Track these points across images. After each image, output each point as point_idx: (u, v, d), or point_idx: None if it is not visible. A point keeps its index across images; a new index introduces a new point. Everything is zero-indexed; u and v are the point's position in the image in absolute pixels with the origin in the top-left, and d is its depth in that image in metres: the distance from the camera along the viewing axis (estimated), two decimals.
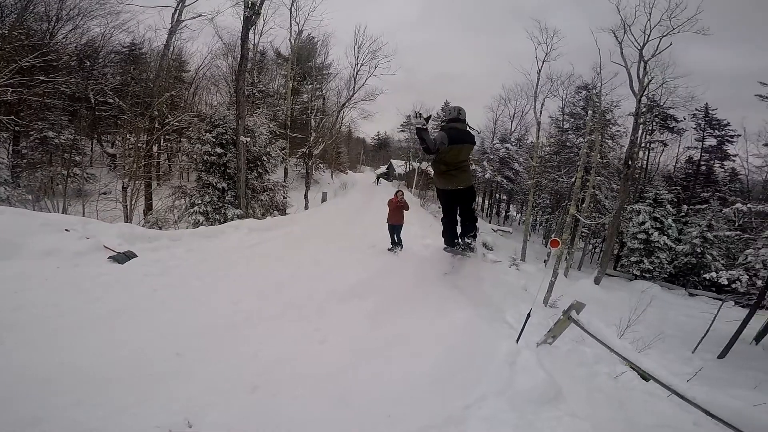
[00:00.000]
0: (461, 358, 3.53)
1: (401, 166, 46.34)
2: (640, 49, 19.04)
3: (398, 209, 8.68)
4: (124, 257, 4.98)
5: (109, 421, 2.35)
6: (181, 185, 15.20)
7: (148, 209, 15.99)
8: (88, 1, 17.90)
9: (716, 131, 25.27)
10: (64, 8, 17.63)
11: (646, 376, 3.26)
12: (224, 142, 13.50)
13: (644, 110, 21.06)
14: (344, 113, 27.08)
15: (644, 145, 25.48)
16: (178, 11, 17.55)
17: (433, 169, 5.21)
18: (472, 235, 5.47)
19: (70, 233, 5.13)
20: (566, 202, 23.79)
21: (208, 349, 3.32)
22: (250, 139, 13.59)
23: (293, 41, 22.53)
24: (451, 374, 3.27)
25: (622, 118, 25.08)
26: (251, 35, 19.81)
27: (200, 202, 13.32)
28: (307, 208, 19.62)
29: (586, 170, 20.01)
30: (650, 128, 25.18)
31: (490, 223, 31.36)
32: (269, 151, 15.37)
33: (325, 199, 20.54)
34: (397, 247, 8.53)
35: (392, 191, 9.58)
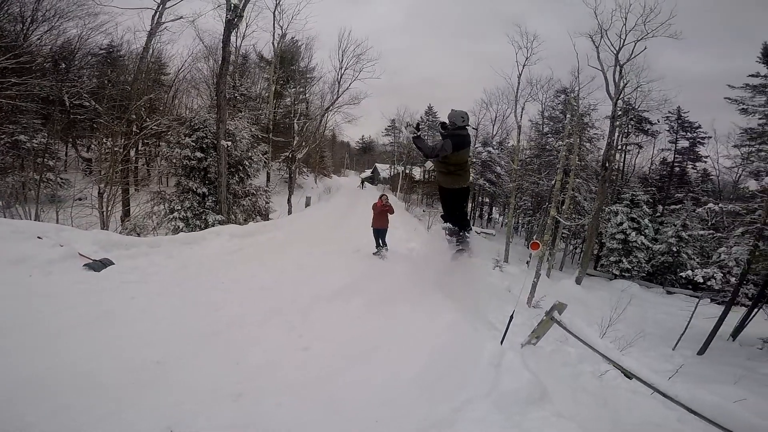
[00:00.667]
0: (447, 360, 3.53)
1: (386, 169, 46.41)
2: (616, 53, 19.65)
3: (383, 213, 8.68)
4: (100, 265, 4.82)
5: (88, 429, 2.28)
6: (160, 190, 14.84)
7: (125, 216, 15.58)
8: (65, 2, 17.40)
9: (688, 133, 26.09)
10: (40, 9, 17.10)
11: (629, 374, 3.31)
12: (204, 146, 13.27)
13: (620, 113, 21.65)
14: (328, 117, 26.96)
15: (620, 147, 26.11)
16: (158, 13, 17.16)
17: (439, 170, 5.42)
18: (468, 229, 5.89)
19: (43, 241, 4.94)
20: (547, 204, 24.22)
21: (189, 356, 3.25)
22: (231, 143, 13.39)
23: (276, 44, 22.34)
24: (437, 377, 3.26)
25: (599, 121, 25.73)
26: (233, 38, 19.53)
27: (180, 207, 13.03)
28: (290, 213, 19.40)
29: (565, 173, 20.38)
30: (626, 131, 25.81)
31: (473, 226, 31.61)
32: (251, 155, 15.17)
33: (308, 203, 20.37)
34: (382, 250, 8.52)
35: (377, 195, 9.58)
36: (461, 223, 5.76)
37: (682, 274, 16.67)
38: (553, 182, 20.94)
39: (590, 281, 21.73)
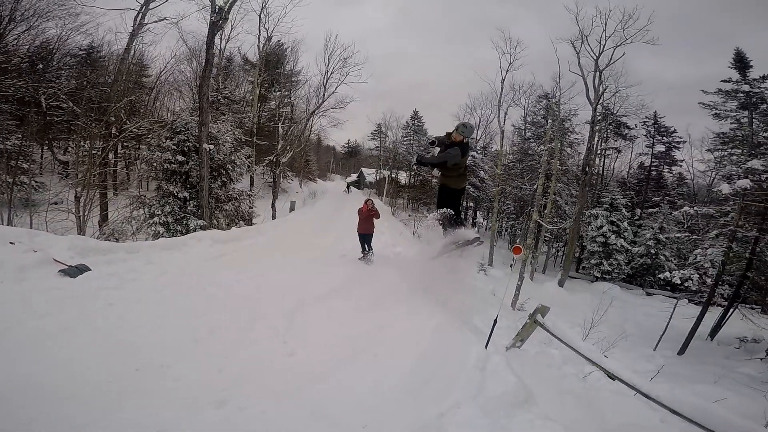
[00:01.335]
0: (433, 364, 3.53)
1: (372, 174, 46.32)
2: (595, 59, 20.11)
3: (368, 218, 8.64)
4: (76, 271, 4.66)
5: None
6: (139, 195, 14.49)
7: (103, 220, 15.11)
8: (45, 2, 16.89)
9: (664, 138, 26.85)
10: (18, 9, 16.55)
11: (612, 375, 3.36)
12: (186, 149, 13.02)
13: (599, 118, 22.13)
14: (313, 121, 26.80)
15: (600, 152, 26.71)
16: (141, 14, 16.84)
17: (448, 174, 5.89)
18: (464, 219, 6.48)
19: (15, 246, 4.76)
20: (529, 208, 24.56)
21: (170, 364, 3.18)
22: (213, 146, 13.18)
23: (262, 47, 22.15)
24: (424, 381, 3.26)
25: (579, 126, 26.27)
26: (218, 40, 19.34)
27: (160, 212, 12.74)
28: (274, 217, 19.17)
29: (547, 177, 20.74)
30: (605, 135, 26.43)
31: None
32: (234, 159, 14.96)
33: (293, 208, 20.13)
34: (368, 255, 8.48)
35: (363, 200, 9.55)
36: (457, 215, 6.18)
37: (660, 275, 17.06)
38: (535, 187, 21.26)
39: (572, 283, 22.09)
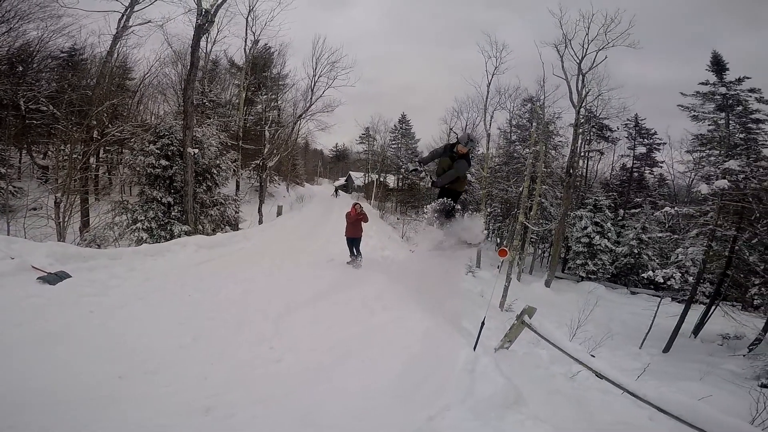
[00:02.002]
0: (423, 367, 3.51)
1: (360, 178, 46.15)
2: (578, 62, 20.51)
3: (357, 222, 8.59)
4: (55, 278, 4.52)
5: None
6: (122, 200, 14.21)
7: (84, 226, 14.75)
8: (27, 3, 16.47)
9: (645, 140, 27.49)
10: None
11: (600, 374, 3.39)
12: (170, 153, 12.79)
13: (583, 121, 22.57)
14: (301, 125, 26.63)
15: (583, 154, 27.21)
16: (125, 16, 16.53)
17: (459, 180, 6.28)
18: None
19: None
20: (515, 210, 24.78)
21: (154, 371, 3.12)
22: (198, 150, 13.00)
23: (248, 50, 21.96)
24: (413, 385, 3.24)
25: (563, 128, 26.61)
26: (203, 43, 19.08)
27: (143, 218, 12.47)
28: (261, 222, 18.99)
29: (532, 179, 20.98)
30: (588, 138, 26.91)
31: None
32: (219, 163, 14.75)
33: (280, 212, 19.96)
34: (356, 259, 8.43)
35: (351, 204, 9.51)
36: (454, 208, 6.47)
37: (644, 274, 17.36)
38: (521, 189, 21.49)
39: (559, 284, 22.37)
